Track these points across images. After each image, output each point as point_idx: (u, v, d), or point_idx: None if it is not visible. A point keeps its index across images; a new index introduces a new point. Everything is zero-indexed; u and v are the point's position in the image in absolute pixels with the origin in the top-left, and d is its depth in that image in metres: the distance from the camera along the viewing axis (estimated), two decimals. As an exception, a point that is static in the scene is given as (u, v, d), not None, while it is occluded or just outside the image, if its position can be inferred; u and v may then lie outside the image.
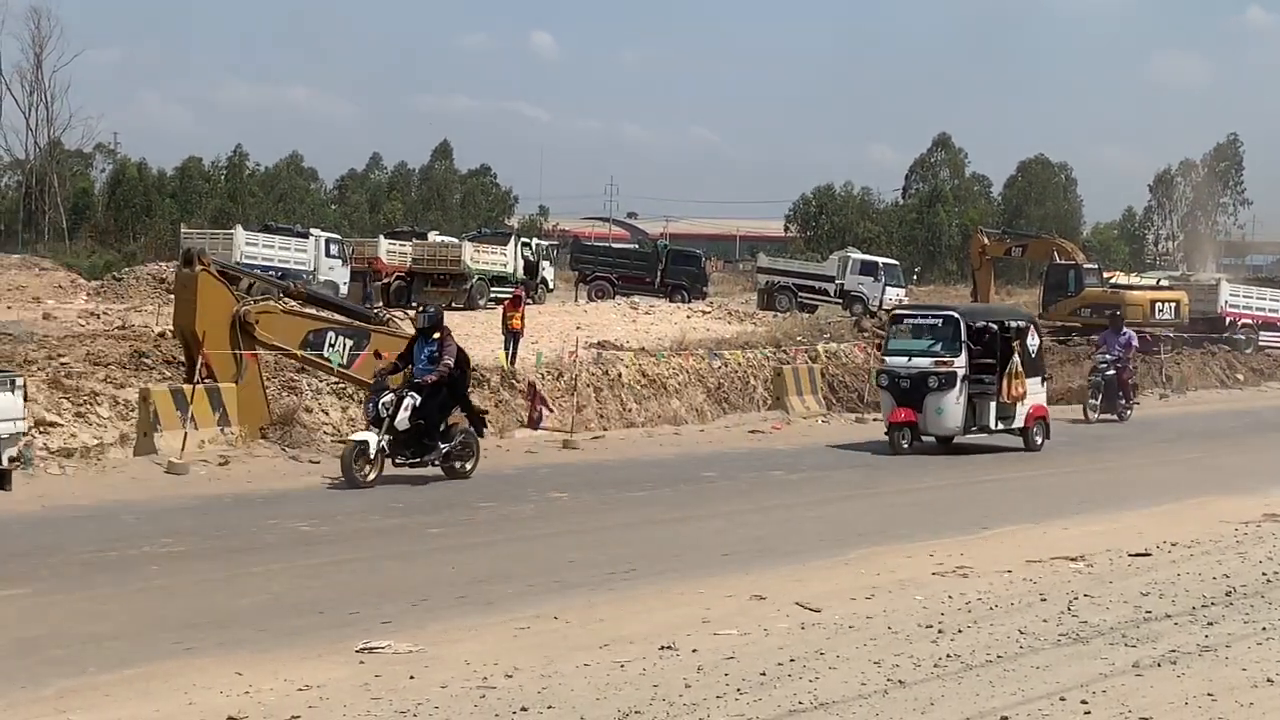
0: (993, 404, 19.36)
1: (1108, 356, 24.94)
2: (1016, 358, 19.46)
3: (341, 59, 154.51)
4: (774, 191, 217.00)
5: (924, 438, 19.43)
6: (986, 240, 42.93)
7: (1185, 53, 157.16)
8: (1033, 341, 20.23)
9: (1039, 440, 20.06)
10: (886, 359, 20.09)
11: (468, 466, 15.43)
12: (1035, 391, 20.03)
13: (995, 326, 19.77)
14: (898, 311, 21.26)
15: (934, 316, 20.14)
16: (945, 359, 19.12)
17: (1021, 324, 20.32)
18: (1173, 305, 36.19)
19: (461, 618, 9.13)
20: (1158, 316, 35.21)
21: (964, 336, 19.16)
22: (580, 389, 21.49)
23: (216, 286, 16.66)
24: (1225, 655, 8.38)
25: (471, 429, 15.62)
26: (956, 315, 19.59)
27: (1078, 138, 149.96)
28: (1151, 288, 38.56)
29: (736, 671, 7.77)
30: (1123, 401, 24.90)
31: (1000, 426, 19.59)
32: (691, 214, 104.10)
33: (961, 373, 19.01)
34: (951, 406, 19.07)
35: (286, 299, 18.93)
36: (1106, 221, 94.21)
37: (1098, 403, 24.71)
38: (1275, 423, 26.25)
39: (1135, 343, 26.24)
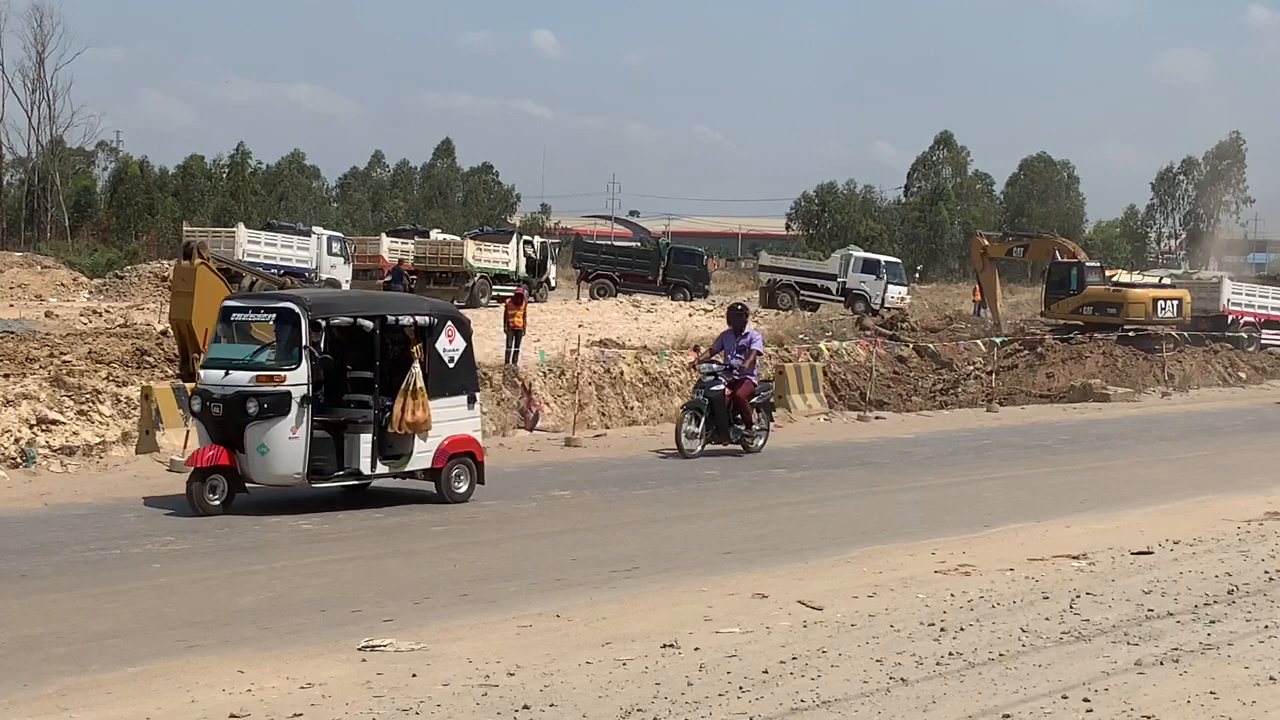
0: (367, 437, 13.42)
1: (715, 366, 18.16)
2: (417, 369, 13.47)
3: (344, 57, 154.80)
4: (776, 189, 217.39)
5: (250, 486, 13.22)
6: (987, 242, 42.84)
7: (1188, 50, 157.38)
8: (449, 346, 14.04)
9: (461, 487, 13.99)
10: (202, 372, 13.53)
11: None
12: (454, 417, 13.97)
13: (371, 324, 13.48)
14: (227, 303, 14.18)
15: (265, 310, 13.56)
16: (273, 373, 12.88)
17: (427, 319, 13.90)
18: (1175, 303, 36.07)
19: (463, 616, 9.14)
20: (1160, 314, 35.12)
21: (306, 339, 12.97)
22: (582, 387, 21.49)
23: (214, 281, 16.67)
24: (1227, 653, 8.38)
25: None
26: (296, 308, 13.15)
27: (1080, 135, 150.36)
28: (1154, 285, 38.46)
29: (739, 669, 7.77)
30: (743, 426, 18.08)
31: (385, 469, 13.65)
32: (693, 212, 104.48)
33: (300, 392, 12.83)
34: (283, 442, 12.81)
35: None
36: (1109, 219, 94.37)
37: (699, 429, 17.75)
38: (1277, 421, 26.22)
39: (760, 346, 18.99)
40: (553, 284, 49.61)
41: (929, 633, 8.72)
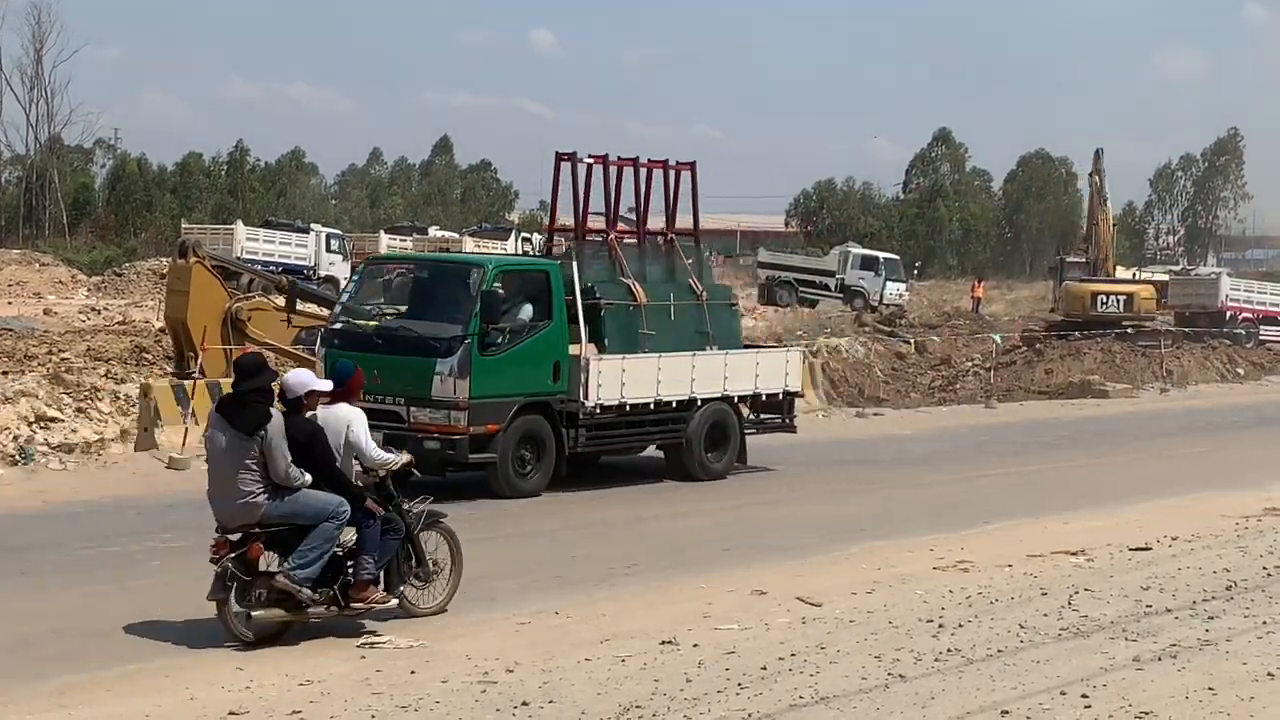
0: None
1: None
2: None
3: (342, 54, 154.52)
4: (775, 186, 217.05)
5: None
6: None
7: (1186, 47, 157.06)
8: None
9: None
10: None
11: None
12: None
13: None
14: None
15: None
16: None
17: None
18: (1121, 299, 34.57)
19: (463, 613, 9.13)
20: (1099, 310, 34.06)
21: None
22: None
23: (210, 280, 16.62)
24: (1225, 649, 8.39)
25: None
26: None
27: (1078, 132, 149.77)
28: (1101, 280, 36.76)
29: (737, 666, 7.77)
30: None
31: None
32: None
33: None
34: None
35: (279, 295, 18.91)
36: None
37: None
38: (1276, 417, 26.20)
39: None
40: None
41: (927, 629, 8.72)
